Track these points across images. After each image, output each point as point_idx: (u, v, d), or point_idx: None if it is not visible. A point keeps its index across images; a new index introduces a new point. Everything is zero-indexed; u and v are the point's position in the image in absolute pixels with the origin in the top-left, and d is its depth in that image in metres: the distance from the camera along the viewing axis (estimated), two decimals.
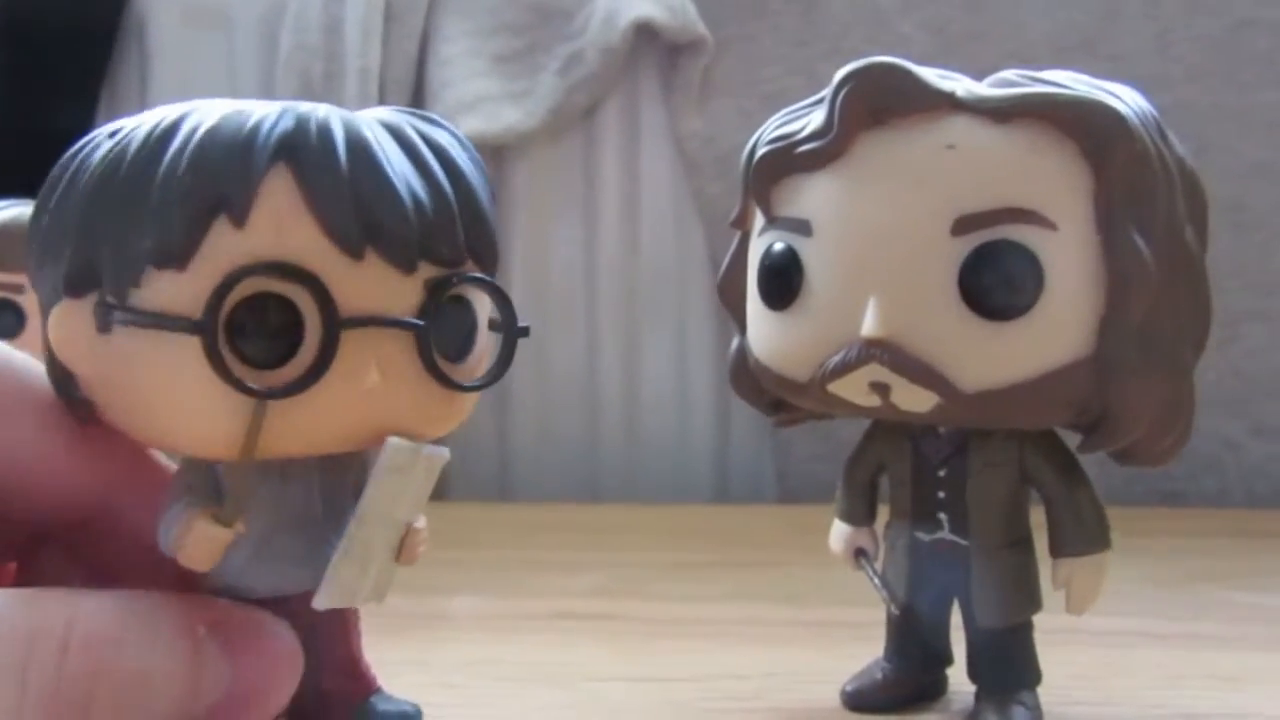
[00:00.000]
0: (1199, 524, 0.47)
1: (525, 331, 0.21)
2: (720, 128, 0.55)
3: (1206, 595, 0.36)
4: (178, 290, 0.18)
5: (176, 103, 0.20)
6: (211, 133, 0.18)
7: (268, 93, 0.56)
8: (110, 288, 0.19)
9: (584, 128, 0.56)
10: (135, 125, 0.19)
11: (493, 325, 0.22)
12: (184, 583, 0.20)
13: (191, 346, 0.18)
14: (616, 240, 0.57)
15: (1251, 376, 0.53)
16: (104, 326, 0.19)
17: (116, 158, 0.19)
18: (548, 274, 0.57)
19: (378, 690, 0.23)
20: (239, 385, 0.18)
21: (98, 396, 0.20)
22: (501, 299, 0.21)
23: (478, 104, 0.54)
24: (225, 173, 0.18)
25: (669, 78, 0.56)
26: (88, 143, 0.20)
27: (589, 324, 0.57)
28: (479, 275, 0.20)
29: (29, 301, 0.35)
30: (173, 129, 0.19)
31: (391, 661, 0.23)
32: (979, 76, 0.23)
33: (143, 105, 0.57)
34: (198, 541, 0.19)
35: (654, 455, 0.57)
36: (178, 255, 0.18)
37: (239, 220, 0.18)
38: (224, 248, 0.18)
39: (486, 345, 0.22)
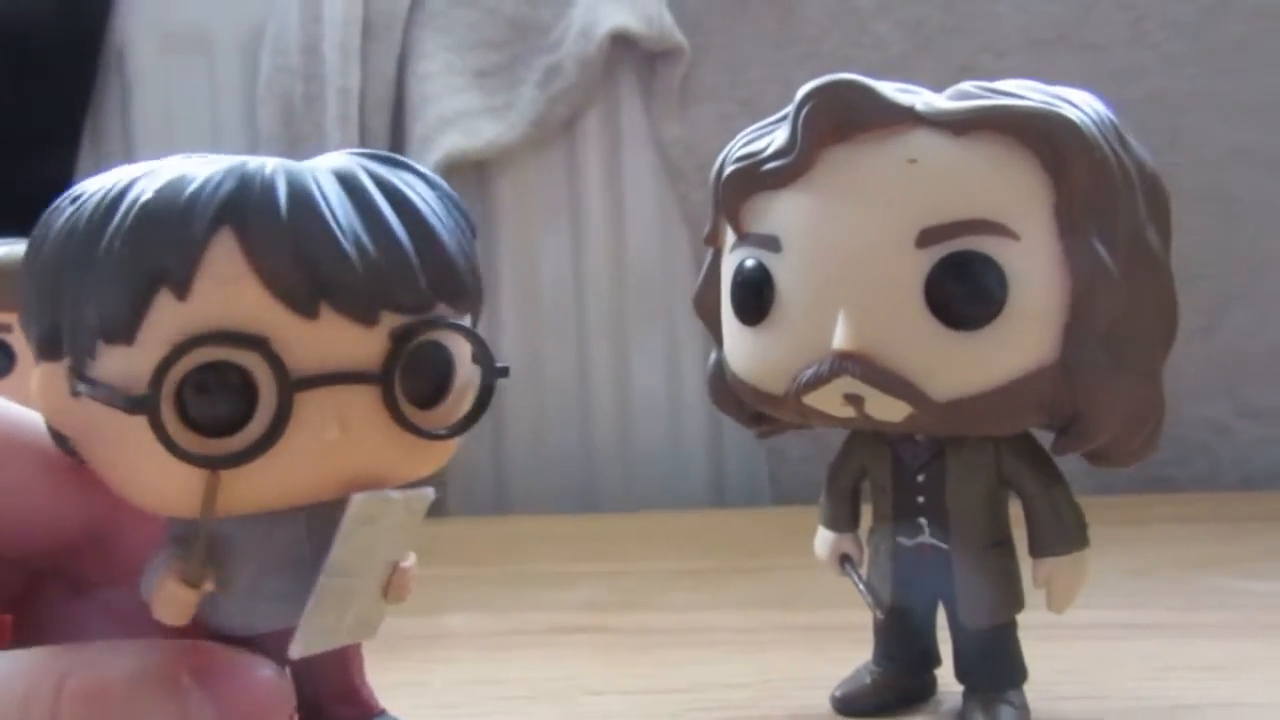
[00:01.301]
0: (1189, 509, 0.48)
1: (504, 372, 0.21)
2: (701, 134, 0.55)
3: (1195, 583, 0.36)
4: (127, 364, 0.18)
5: (157, 132, 0.20)
6: (149, 204, 0.18)
7: (249, 117, 0.57)
8: (70, 358, 0.19)
9: (566, 139, 0.57)
10: (92, 191, 0.19)
11: (476, 359, 0.22)
12: None
13: (142, 419, 0.18)
14: (603, 249, 0.57)
15: (1238, 359, 0.53)
16: (74, 392, 0.19)
17: (70, 227, 0.19)
18: (536, 285, 0.57)
19: (380, 713, 0.23)
20: (187, 457, 0.18)
21: (83, 453, 0.20)
22: (476, 342, 0.21)
23: (458, 119, 0.54)
24: (164, 245, 0.18)
25: (648, 86, 0.56)
26: (56, 206, 0.20)
27: (579, 333, 0.57)
28: (447, 321, 0.20)
29: (18, 340, 0.36)
30: (118, 198, 0.19)
31: (390, 684, 0.24)
32: (956, 72, 0.23)
33: (126, 133, 0.58)
34: (167, 601, 0.20)
35: (648, 462, 0.57)
36: (122, 330, 0.18)
37: (181, 292, 0.18)
38: (168, 320, 0.18)
39: (469, 383, 0.22)
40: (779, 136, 0.23)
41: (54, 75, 0.57)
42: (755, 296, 0.23)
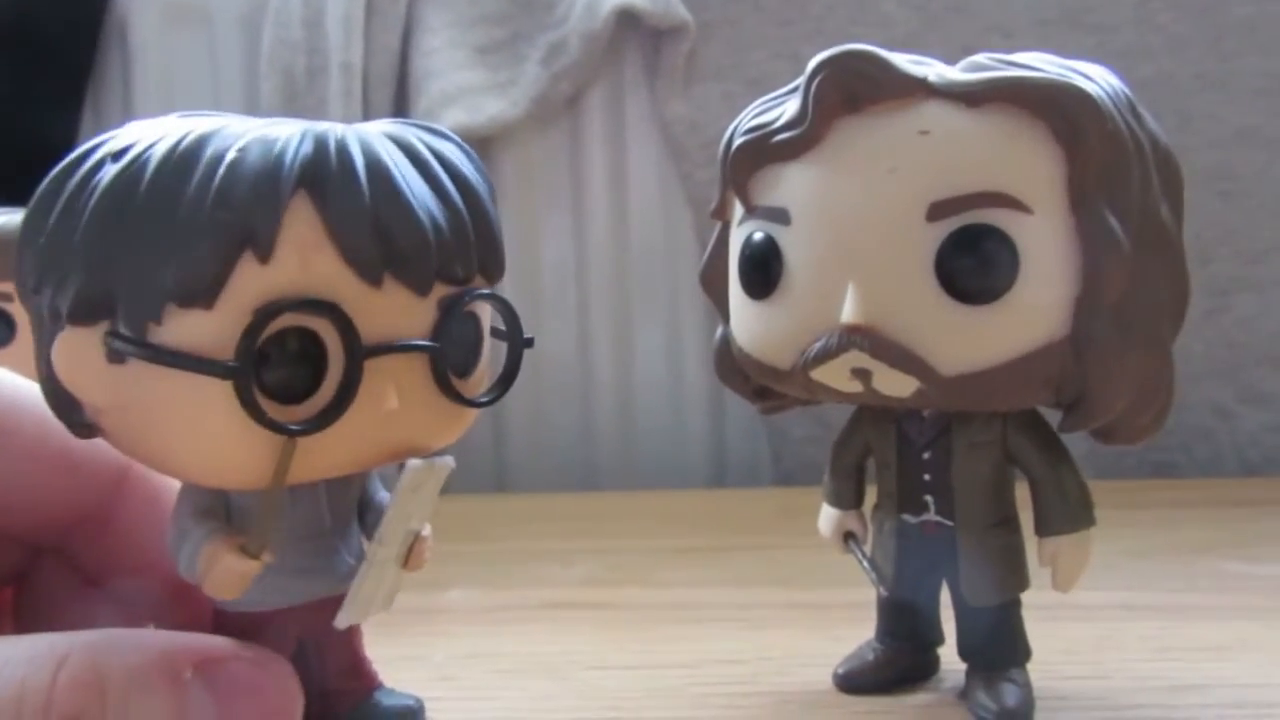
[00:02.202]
0: (1191, 494, 0.48)
1: (530, 342, 0.21)
2: (705, 112, 0.55)
3: (1197, 566, 0.36)
4: (203, 329, 0.18)
5: (159, 105, 0.20)
6: (238, 161, 0.18)
7: (251, 90, 0.56)
8: (126, 321, 0.18)
9: (569, 116, 0.56)
10: (146, 145, 0.18)
11: (494, 332, 0.22)
12: (181, 585, 0.20)
13: (218, 386, 0.17)
14: (605, 227, 0.57)
15: (1242, 345, 0.53)
16: (116, 358, 0.18)
17: (130, 182, 0.18)
18: (538, 263, 0.57)
19: (380, 686, 0.23)
20: (273, 426, 0.18)
21: (106, 424, 0.19)
22: (509, 312, 0.21)
23: (461, 96, 0.54)
24: (254, 206, 0.18)
25: (653, 64, 0.56)
26: (85, 159, 0.19)
27: (580, 312, 0.57)
28: (490, 292, 0.20)
29: (18, 310, 0.35)
30: (193, 155, 0.18)
31: (389, 658, 0.24)
32: (962, 51, 0.23)
33: (127, 106, 0.57)
34: (226, 574, 0.19)
35: (649, 442, 0.57)
36: (204, 293, 0.18)
37: (265, 255, 0.18)
38: (250, 284, 0.18)
39: (489, 354, 0.22)
40: (790, 108, 0.23)
41: (56, 49, 0.56)
42: (763, 270, 0.23)
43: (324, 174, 0.18)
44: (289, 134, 0.18)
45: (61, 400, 0.19)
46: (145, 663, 0.19)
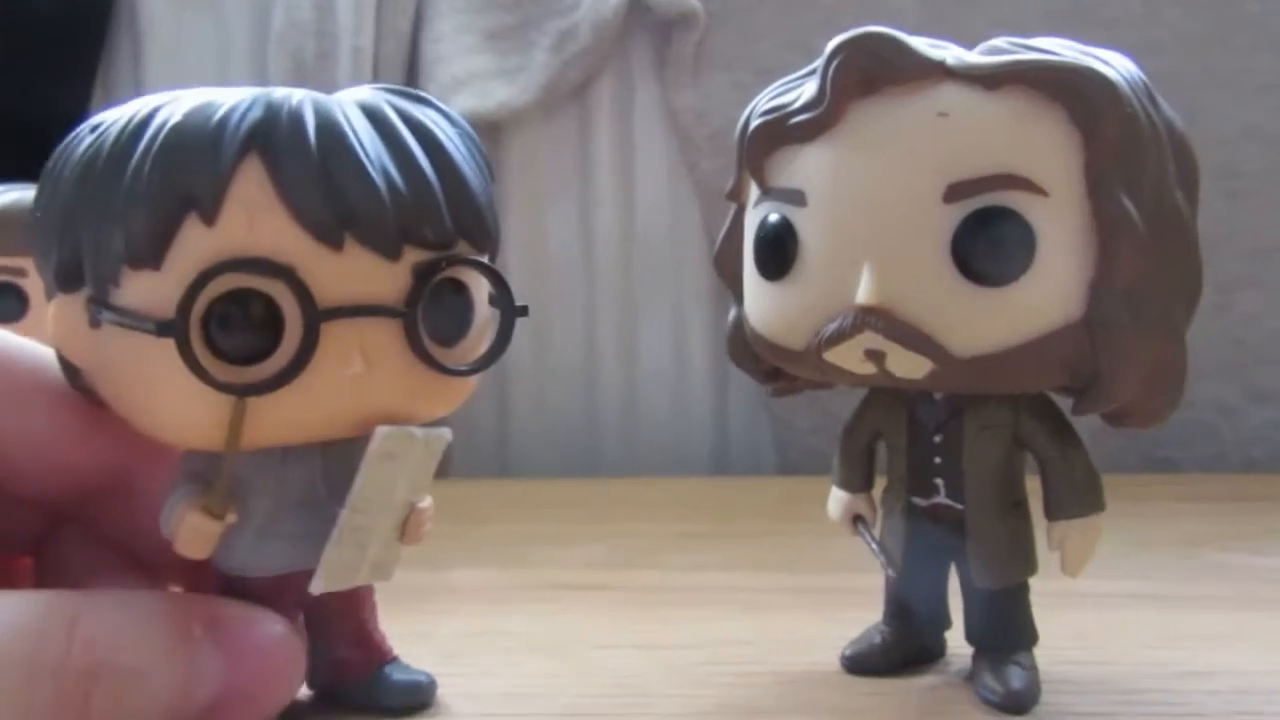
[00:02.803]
0: (1194, 489, 0.48)
1: (523, 311, 0.21)
2: (714, 102, 0.55)
3: (1202, 558, 0.36)
4: (153, 289, 0.18)
5: (168, 87, 0.20)
6: (178, 128, 0.18)
7: (260, 72, 0.56)
8: (93, 285, 0.19)
9: (577, 104, 0.56)
10: (114, 119, 0.19)
11: (494, 301, 0.22)
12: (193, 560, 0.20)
13: (168, 345, 0.18)
14: (612, 215, 0.57)
15: (1246, 342, 0.53)
16: (94, 322, 0.19)
17: (93, 155, 0.19)
18: (544, 250, 0.57)
19: (393, 660, 0.23)
20: (215, 383, 0.18)
21: (97, 386, 0.20)
22: (496, 280, 0.21)
23: (470, 81, 0.54)
24: (193, 169, 0.18)
25: (662, 52, 0.56)
26: (74, 136, 0.19)
27: (586, 299, 0.57)
28: (469, 258, 0.20)
29: (31, 285, 0.36)
30: (143, 124, 0.18)
31: (394, 635, 0.24)
32: (969, 45, 0.23)
33: (137, 87, 0.57)
34: (190, 533, 0.20)
35: (653, 430, 0.57)
36: (149, 255, 0.18)
37: (209, 217, 0.18)
38: (196, 245, 0.18)
39: (486, 323, 0.22)
40: (807, 89, 0.23)
41: (65, 29, 0.56)
42: (778, 251, 0.23)
43: (274, 136, 0.18)
44: (240, 98, 0.19)
45: (65, 366, 0.20)
46: (157, 620, 0.19)
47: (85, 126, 0.19)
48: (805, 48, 0.46)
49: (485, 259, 0.21)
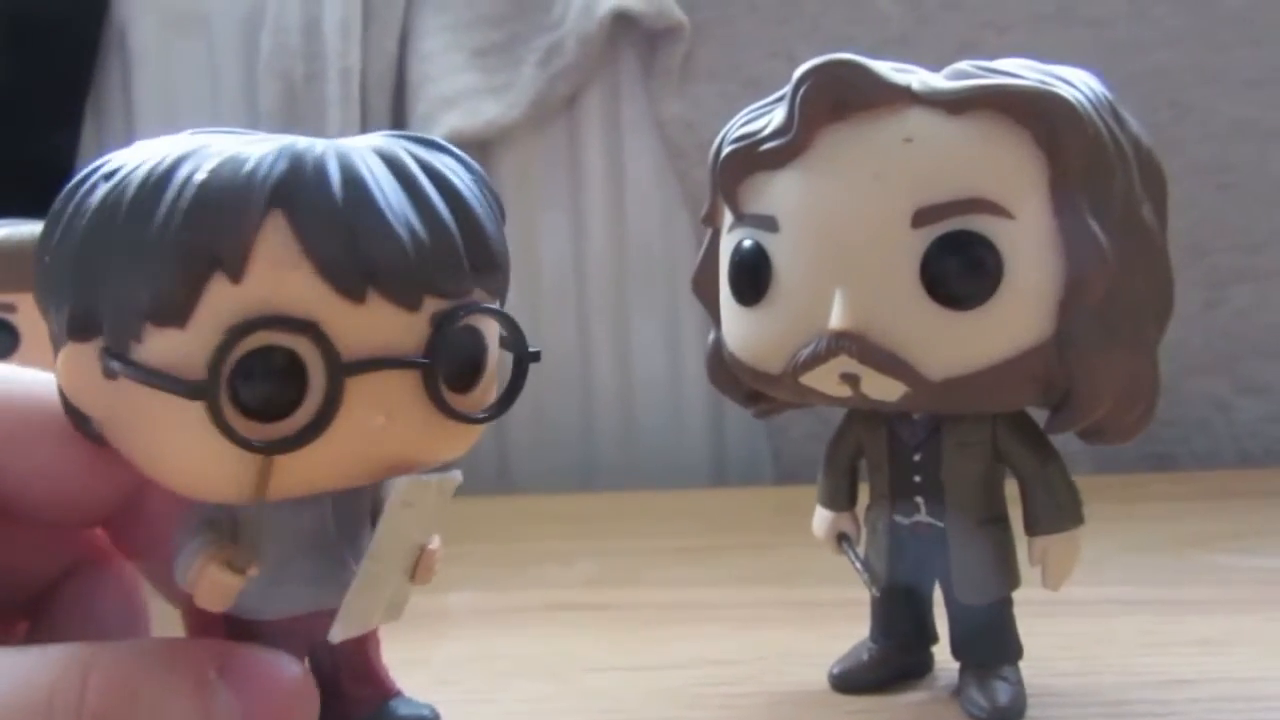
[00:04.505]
0: (1189, 487, 0.48)
1: (536, 357, 0.21)
2: (702, 112, 0.55)
3: (1192, 559, 0.36)
4: (177, 348, 0.18)
5: (159, 113, 0.19)
6: (206, 183, 0.18)
7: (250, 96, 0.57)
8: (111, 339, 0.18)
9: (566, 118, 0.57)
10: (132, 166, 0.19)
11: (503, 343, 0.22)
12: None
13: (194, 405, 0.18)
14: (603, 228, 0.57)
15: (1240, 336, 0.53)
16: (109, 374, 0.19)
17: (113, 203, 0.18)
18: (537, 265, 0.57)
19: (397, 694, 0.23)
20: (245, 444, 0.18)
21: (109, 435, 0.20)
22: (512, 327, 0.21)
23: (459, 99, 0.54)
24: (220, 227, 0.18)
25: (649, 64, 0.56)
26: (86, 180, 0.19)
27: (579, 312, 0.57)
28: (486, 306, 0.20)
29: (23, 320, 0.36)
30: (167, 177, 0.18)
31: (389, 662, 0.24)
32: (957, 47, 0.23)
33: (128, 114, 0.58)
34: (212, 587, 0.19)
35: (649, 441, 0.57)
36: (176, 314, 0.18)
37: (235, 275, 0.18)
38: (222, 303, 0.18)
39: (497, 366, 0.22)
40: (776, 116, 0.23)
41: (55, 55, 0.57)
42: (752, 276, 0.23)
43: (298, 191, 0.18)
44: (264, 152, 0.18)
45: (72, 412, 0.20)
46: (171, 665, 0.19)
47: (98, 172, 0.19)
48: (790, 56, 0.46)
49: (497, 303, 0.21)
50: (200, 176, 0.18)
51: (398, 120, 0.56)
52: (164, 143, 0.19)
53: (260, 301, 0.18)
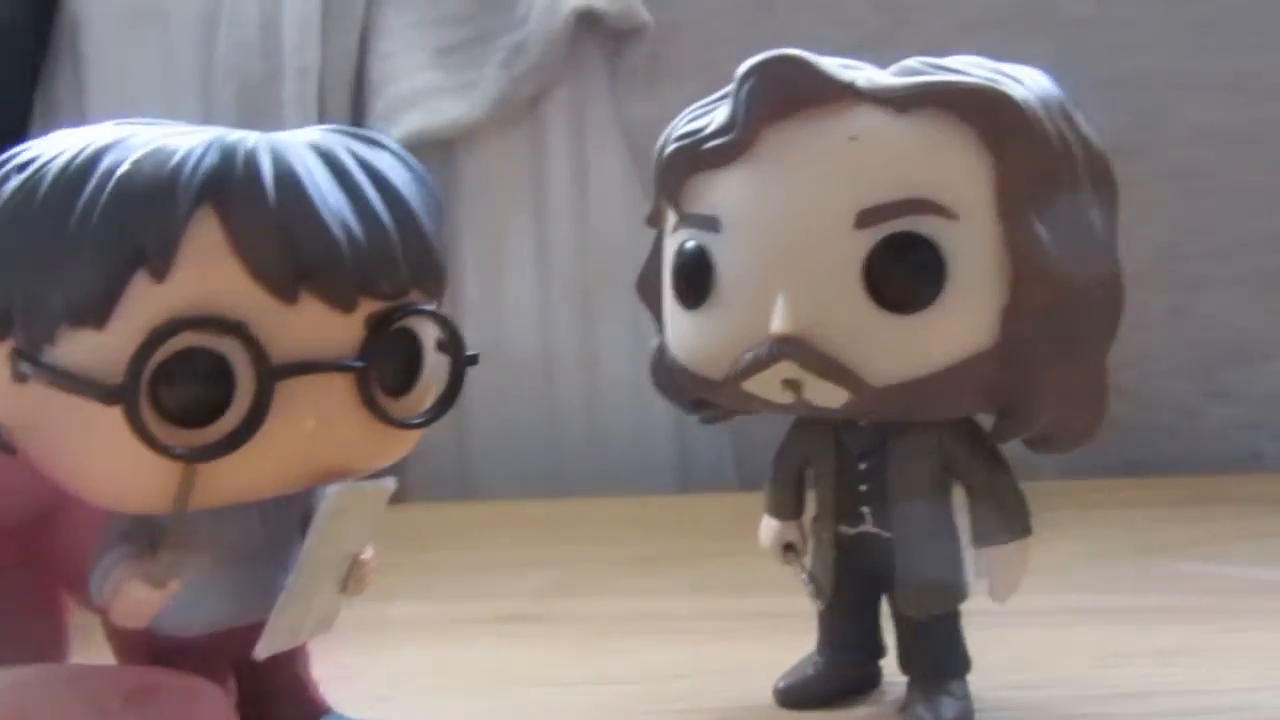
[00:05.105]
0: (1155, 493, 0.47)
1: (474, 360, 0.21)
2: (668, 112, 0.53)
3: (1154, 567, 0.36)
4: (95, 350, 0.17)
5: (112, 108, 0.19)
6: (129, 175, 0.17)
7: (206, 93, 0.55)
8: (23, 340, 0.17)
9: (531, 119, 0.56)
10: (49, 157, 0.17)
11: (440, 346, 0.21)
12: None
13: (112, 411, 0.17)
14: (569, 230, 0.56)
15: (1208, 342, 0.53)
16: (19, 376, 0.18)
17: (25, 197, 0.17)
18: (501, 266, 0.56)
19: (328, 711, 0.23)
20: (166, 452, 0.17)
21: (21, 443, 0.19)
22: (450, 330, 0.20)
23: (420, 99, 0.53)
24: (145, 221, 0.17)
25: (614, 65, 0.55)
26: (3, 169, 0.18)
27: (544, 315, 0.56)
28: (423, 308, 0.20)
29: None
30: (87, 168, 0.17)
31: (325, 676, 0.23)
32: (928, 49, 0.22)
33: (80, 112, 0.56)
34: (129, 604, 0.19)
35: (615, 444, 0.56)
36: (94, 314, 0.17)
37: (160, 273, 0.17)
38: (144, 303, 0.17)
39: (435, 370, 0.21)
40: (719, 114, 0.23)
41: (5, 51, 0.56)
42: (695, 279, 0.23)
43: (229, 185, 0.17)
44: (193, 144, 0.17)
45: None
46: (71, 696, 0.18)
47: (11, 163, 0.18)
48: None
49: (435, 305, 0.21)
50: (124, 168, 0.17)
51: (357, 119, 0.55)
52: (84, 132, 0.18)
53: (186, 301, 0.17)
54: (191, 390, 0.17)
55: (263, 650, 0.20)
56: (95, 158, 0.17)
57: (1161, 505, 0.45)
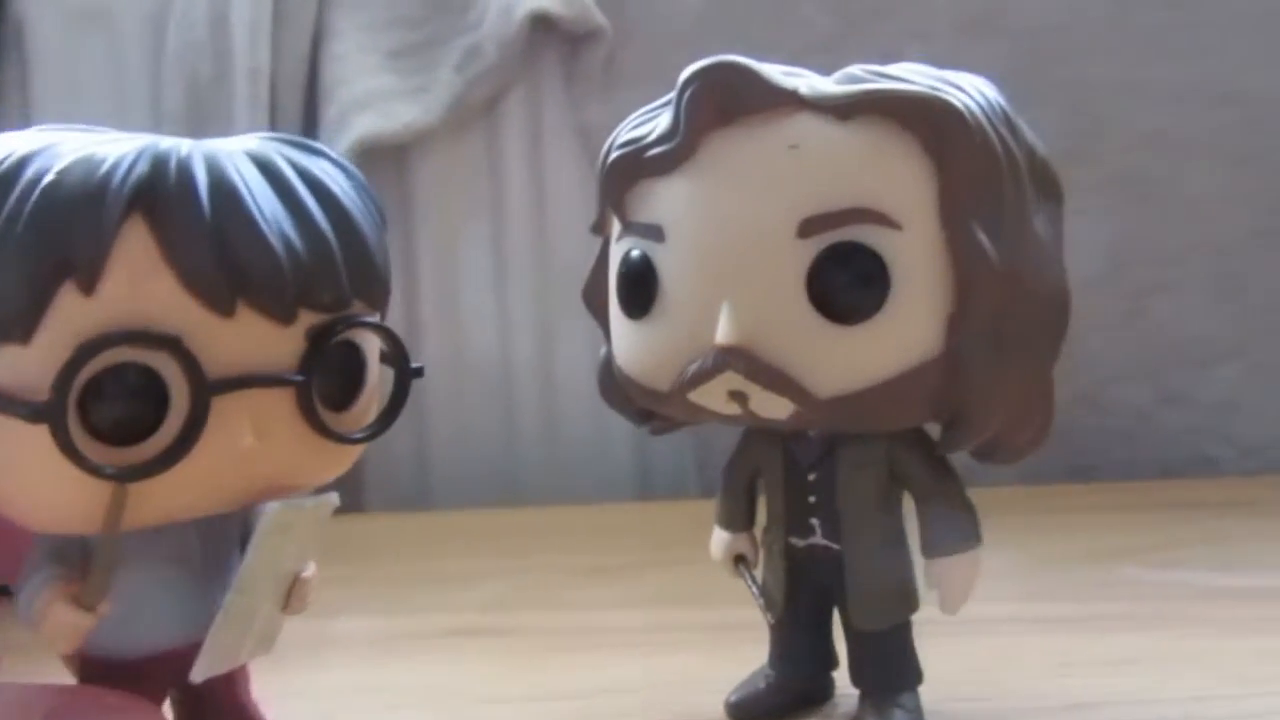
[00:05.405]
0: (1109, 498, 0.48)
1: (419, 372, 0.20)
2: (625, 117, 0.54)
3: (1109, 574, 0.36)
4: (20, 365, 0.16)
5: (59, 110, 0.18)
6: (55, 184, 0.16)
7: (155, 95, 0.54)
8: None
9: (486, 123, 0.55)
10: None
11: (384, 358, 0.20)
12: None
13: (38, 429, 0.16)
14: (525, 235, 0.56)
15: (1160, 347, 0.53)
16: None
17: None
18: (456, 273, 0.56)
19: None
20: (95, 471, 0.16)
21: None
22: (393, 342, 0.20)
23: (373, 102, 0.53)
24: (72, 230, 0.16)
25: (571, 69, 0.55)
26: None
27: (500, 322, 0.56)
28: (365, 320, 0.19)
29: None
30: (12, 175, 0.17)
31: (269, 694, 0.22)
32: (882, 56, 0.22)
33: (25, 114, 0.55)
34: (58, 626, 0.18)
35: (574, 451, 0.56)
36: (19, 328, 0.16)
37: (88, 285, 0.16)
38: (70, 316, 0.16)
39: (378, 383, 0.21)
40: (662, 121, 0.22)
41: None
42: (640, 288, 0.22)
43: (161, 194, 0.17)
44: (123, 152, 0.17)
45: None
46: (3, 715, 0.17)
47: None
48: None
49: (376, 316, 0.20)
50: (50, 176, 0.16)
51: (308, 122, 0.54)
52: (8, 140, 0.18)
53: (116, 314, 0.16)
54: (122, 407, 0.17)
55: (200, 672, 0.19)
56: (20, 165, 0.17)
57: (1115, 510, 0.45)
